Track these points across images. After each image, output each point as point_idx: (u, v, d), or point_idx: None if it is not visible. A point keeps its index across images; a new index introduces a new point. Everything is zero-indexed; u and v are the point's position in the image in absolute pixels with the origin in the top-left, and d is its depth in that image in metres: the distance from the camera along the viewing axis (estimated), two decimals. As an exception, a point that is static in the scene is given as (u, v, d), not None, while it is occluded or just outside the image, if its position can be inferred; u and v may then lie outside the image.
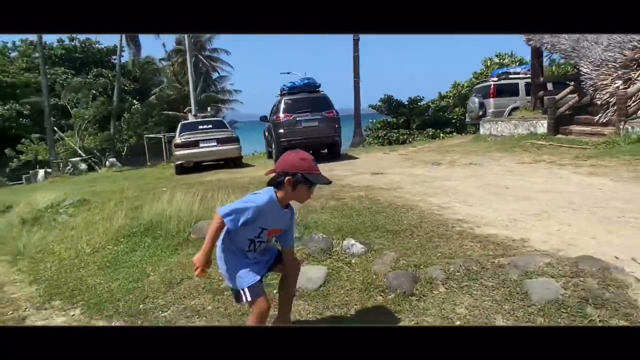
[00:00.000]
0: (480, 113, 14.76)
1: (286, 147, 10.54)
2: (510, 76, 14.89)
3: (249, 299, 2.23)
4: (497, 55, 24.20)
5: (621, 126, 7.79)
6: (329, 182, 2.30)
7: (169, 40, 38.68)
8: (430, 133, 21.66)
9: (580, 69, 9.10)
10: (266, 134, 13.75)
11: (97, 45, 34.88)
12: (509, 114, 13.60)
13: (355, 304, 2.88)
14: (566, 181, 5.89)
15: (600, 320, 2.27)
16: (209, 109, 23.03)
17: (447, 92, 25.19)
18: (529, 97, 12.81)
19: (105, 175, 16.57)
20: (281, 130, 11.31)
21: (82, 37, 34.01)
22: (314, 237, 3.75)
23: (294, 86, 12.37)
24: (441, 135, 21.09)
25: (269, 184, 2.28)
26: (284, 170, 2.18)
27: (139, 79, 36.34)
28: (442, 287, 2.82)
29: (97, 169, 22.24)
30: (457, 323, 2.47)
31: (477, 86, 16.52)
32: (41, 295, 3.79)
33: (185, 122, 13.88)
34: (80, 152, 24.23)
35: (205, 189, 6.38)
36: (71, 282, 3.92)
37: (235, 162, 11.92)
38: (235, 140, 11.94)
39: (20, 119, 28.44)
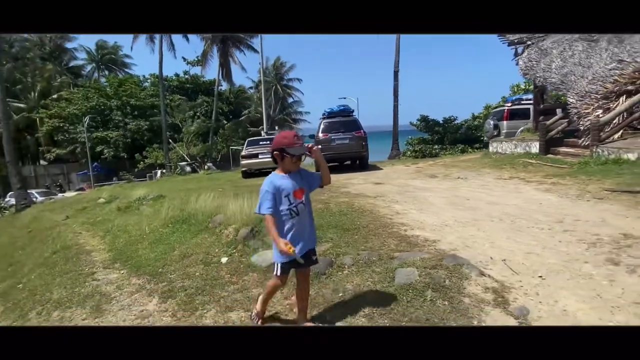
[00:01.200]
0: (495, 133, 14.25)
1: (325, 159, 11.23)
2: (523, 102, 14.21)
3: (278, 273, 2.40)
4: (525, 82, 22.90)
5: (594, 149, 7.38)
6: (302, 152, 2.31)
7: (252, 71, 40.91)
8: (460, 148, 21.06)
9: (568, 99, 8.68)
10: None
11: (202, 79, 37.95)
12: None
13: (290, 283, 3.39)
14: (519, 195, 5.78)
15: (430, 300, 2.60)
16: (276, 127, 24.34)
17: (479, 113, 24.32)
18: (539, 121, 12.26)
19: (199, 176, 17.92)
20: (319, 146, 11.93)
21: (192, 71, 37.32)
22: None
23: (332, 112, 12.90)
24: (469, 150, 20.44)
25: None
26: (272, 148, 2.36)
27: (233, 103, 38.92)
28: (347, 270, 3.24)
29: (198, 171, 24.42)
30: (340, 295, 2.91)
31: (494, 110, 15.93)
32: (109, 260, 4.75)
33: (251, 138, 14.97)
34: (186, 158, 26.73)
35: (250, 191, 7.14)
36: (129, 252, 4.81)
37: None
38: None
39: (146, 133, 31.91)
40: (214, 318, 2.89)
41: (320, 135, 12.05)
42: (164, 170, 24.81)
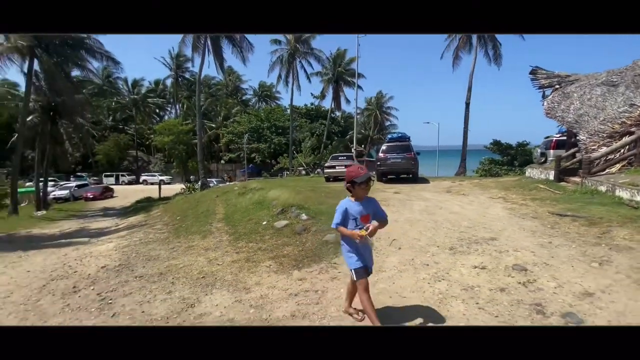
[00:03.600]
0: (542, 160, 13.10)
1: (382, 172, 12.55)
2: (569, 133, 12.67)
3: (355, 279, 2.32)
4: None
5: (584, 181, 6.99)
6: (366, 178, 2.28)
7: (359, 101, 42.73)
8: (524, 170, 19.02)
9: (579, 136, 8.13)
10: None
11: (322, 107, 41.76)
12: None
13: (287, 236, 5.13)
14: (481, 210, 6.09)
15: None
16: (358, 146, 25.77)
17: (551, 140, 21.32)
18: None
19: (306, 177, 20.20)
20: (379, 163, 13.20)
21: (315, 102, 41.44)
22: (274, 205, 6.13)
23: (392, 137, 13.99)
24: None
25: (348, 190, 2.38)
26: (346, 182, 2.35)
27: (342, 125, 41.73)
28: (311, 233, 4.90)
29: (310, 174, 27.66)
30: (296, 240, 4.61)
31: (545, 140, 14.36)
32: (221, 218, 7.30)
33: (334, 154, 16.96)
34: (303, 164, 30.45)
35: (327, 192, 9.01)
36: (230, 215, 7.27)
37: None
38: (354, 166, 14.36)
39: (283, 146, 37.08)
40: (249, 245, 4.93)
41: (380, 154, 13.25)
42: (288, 172, 28.92)
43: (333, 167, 14.42)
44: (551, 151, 12.71)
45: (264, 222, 5.93)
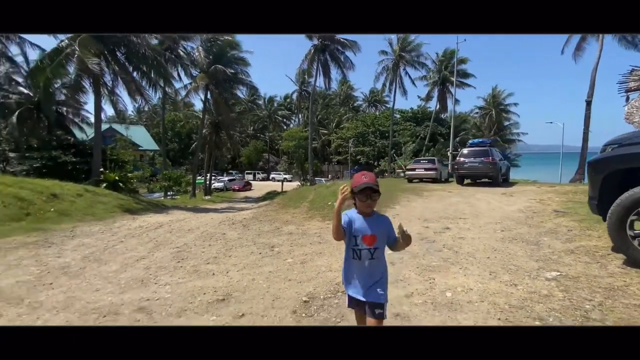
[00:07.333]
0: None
1: (459, 175, 14.04)
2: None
3: (347, 304, 1.89)
4: None
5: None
6: (363, 187, 1.76)
7: (467, 102, 40.37)
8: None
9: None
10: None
11: (429, 109, 41.88)
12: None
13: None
14: (501, 207, 7.89)
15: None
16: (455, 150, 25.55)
17: None
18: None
19: (401, 179, 22.98)
20: (456, 166, 14.58)
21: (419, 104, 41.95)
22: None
23: (473, 143, 15.03)
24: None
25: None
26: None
27: (450, 126, 40.69)
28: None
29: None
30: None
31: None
32: (307, 203, 11.09)
33: (417, 158, 18.73)
34: (402, 167, 32.24)
35: (398, 188, 11.85)
36: (314, 201, 10.96)
37: (434, 180, 15.68)
38: (434, 169, 15.90)
39: (384, 148, 39.36)
40: (314, 212, 8.49)
41: (459, 159, 14.58)
42: (386, 174, 31.47)
43: (414, 169, 16.45)
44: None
45: (329, 203, 9.36)
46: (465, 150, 14.49)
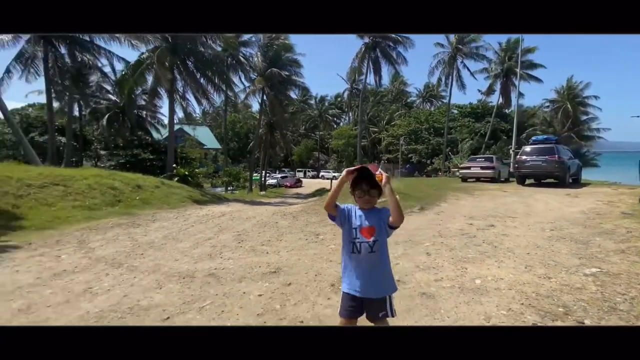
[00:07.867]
0: None
1: (519, 175, 13.20)
2: None
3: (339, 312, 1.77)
4: None
5: None
6: (358, 180, 1.75)
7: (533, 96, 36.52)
8: None
9: None
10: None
11: (490, 103, 38.91)
12: None
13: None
14: (560, 208, 7.46)
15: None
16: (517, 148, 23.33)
17: None
18: None
19: (455, 179, 22.04)
20: (516, 165, 13.67)
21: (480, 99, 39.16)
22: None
23: (536, 140, 13.95)
24: None
25: None
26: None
27: (512, 121, 37.33)
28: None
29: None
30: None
31: None
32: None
33: (472, 156, 17.76)
34: (458, 166, 30.68)
35: (455, 188, 11.59)
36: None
37: (492, 180, 14.75)
38: (491, 167, 15.02)
39: (439, 146, 37.71)
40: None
41: (520, 157, 13.61)
42: (440, 173, 30.22)
43: (468, 168, 15.79)
44: None
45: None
46: (527, 148, 13.50)
